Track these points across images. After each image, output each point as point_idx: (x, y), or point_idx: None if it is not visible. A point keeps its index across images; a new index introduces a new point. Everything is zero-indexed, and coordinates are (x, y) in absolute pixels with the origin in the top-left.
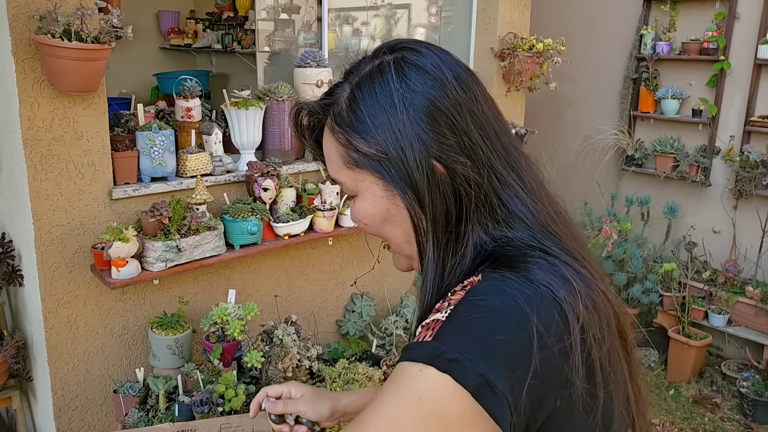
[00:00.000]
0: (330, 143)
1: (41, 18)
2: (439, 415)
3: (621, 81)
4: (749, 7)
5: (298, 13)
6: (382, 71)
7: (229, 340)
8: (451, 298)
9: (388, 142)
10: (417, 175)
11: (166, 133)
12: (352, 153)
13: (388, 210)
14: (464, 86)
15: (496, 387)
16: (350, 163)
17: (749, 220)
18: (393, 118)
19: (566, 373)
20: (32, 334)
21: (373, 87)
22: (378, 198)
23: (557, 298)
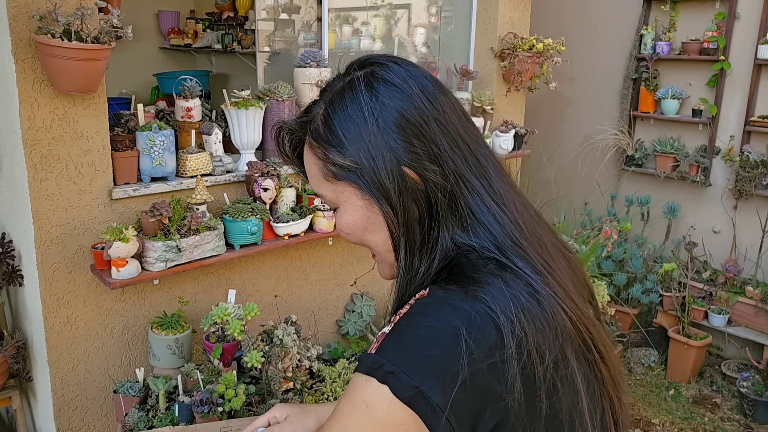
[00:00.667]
0: (309, 158)
1: (41, 18)
2: (383, 424)
3: (621, 81)
4: (749, 7)
5: (298, 13)
6: (353, 87)
7: (229, 340)
8: (400, 311)
9: (360, 153)
10: (388, 182)
11: (166, 133)
12: (330, 166)
13: (367, 219)
14: (431, 97)
15: (430, 399)
16: (329, 175)
17: (749, 220)
18: (364, 131)
19: (498, 387)
20: (32, 334)
21: (344, 102)
22: (357, 207)
23: (493, 314)
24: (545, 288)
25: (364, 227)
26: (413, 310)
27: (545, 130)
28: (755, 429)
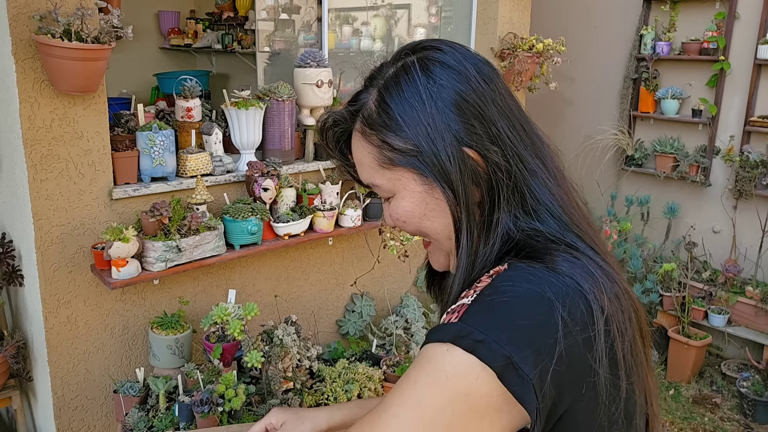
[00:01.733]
0: (361, 148)
1: (41, 18)
2: (465, 395)
3: (621, 81)
4: (749, 7)
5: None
6: (407, 70)
7: (229, 340)
8: (477, 285)
9: (420, 136)
10: (450, 165)
11: (166, 133)
12: (387, 152)
13: (427, 205)
14: (487, 79)
15: (522, 370)
16: (385, 162)
17: (749, 220)
18: (422, 113)
19: (590, 362)
20: (32, 334)
21: (401, 86)
22: (417, 194)
23: (583, 290)
24: (612, 270)
25: (423, 214)
26: (497, 282)
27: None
28: (755, 429)
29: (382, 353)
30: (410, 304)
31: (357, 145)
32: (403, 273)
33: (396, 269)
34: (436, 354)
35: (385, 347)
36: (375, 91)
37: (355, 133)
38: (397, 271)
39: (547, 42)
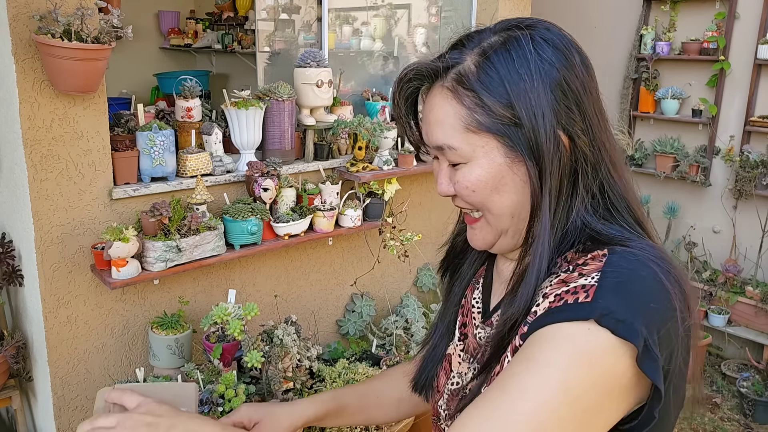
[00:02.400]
0: (447, 106)
1: (41, 18)
2: (607, 375)
3: (621, 81)
4: (749, 7)
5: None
6: (518, 42)
7: (229, 340)
8: (582, 267)
9: (522, 107)
10: (545, 143)
11: (166, 133)
12: (480, 116)
13: (502, 178)
14: (588, 70)
15: (654, 352)
16: (473, 126)
17: (749, 220)
18: (529, 86)
19: (690, 346)
20: (32, 334)
21: (510, 54)
22: (496, 165)
23: (681, 280)
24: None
25: (495, 186)
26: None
27: None
28: (755, 429)
29: (382, 353)
30: (410, 304)
31: (441, 103)
32: (403, 273)
33: (396, 269)
34: (575, 334)
35: (385, 347)
36: (475, 53)
37: (440, 90)
38: (397, 271)
39: None
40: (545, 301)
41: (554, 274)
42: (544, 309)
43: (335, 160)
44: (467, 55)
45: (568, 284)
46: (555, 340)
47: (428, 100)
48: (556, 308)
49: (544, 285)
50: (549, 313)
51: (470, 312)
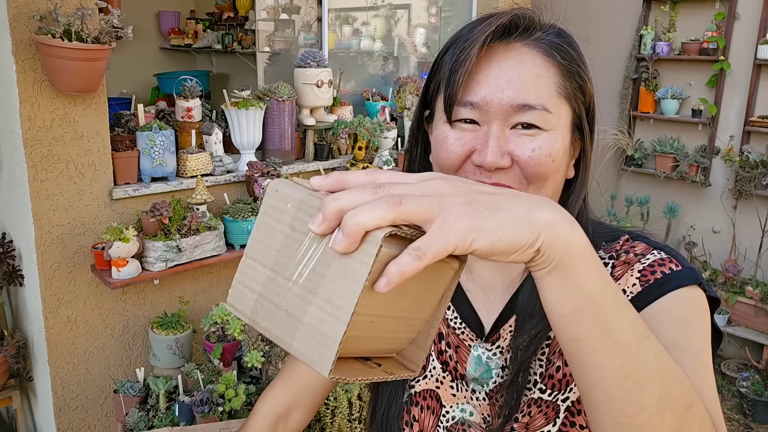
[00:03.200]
0: (540, 66)
1: (41, 18)
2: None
3: (621, 81)
4: (749, 7)
5: (298, 13)
6: (574, 39)
7: (230, 339)
8: (628, 252)
9: (591, 91)
10: (595, 132)
11: (166, 133)
12: (571, 85)
13: (567, 153)
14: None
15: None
16: (565, 93)
17: (749, 220)
18: (590, 74)
19: None
20: (32, 334)
21: (574, 44)
22: (566, 140)
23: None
24: None
25: (563, 161)
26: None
27: None
28: (755, 429)
29: None
30: None
31: (535, 60)
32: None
33: None
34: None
35: None
36: (551, 29)
37: (529, 48)
38: None
39: None
40: (628, 280)
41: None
42: (642, 285)
43: (335, 160)
44: (547, 27)
45: (634, 264)
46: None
47: (511, 54)
48: (660, 280)
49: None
50: (658, 285)
51: (450, 335)
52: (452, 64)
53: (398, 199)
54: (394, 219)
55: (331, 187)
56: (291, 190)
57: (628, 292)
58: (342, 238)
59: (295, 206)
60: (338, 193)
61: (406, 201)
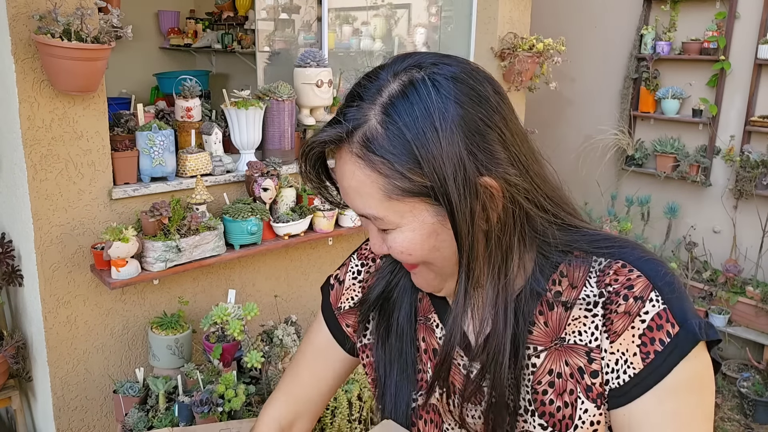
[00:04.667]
0: (360, 175)
1: (41, 18)
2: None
3: (621, 81)
4: (749, 6)
5: (298, 13)
6: (417, 88)
7: (229, 340)
8: (633, 289)
9: (427, 164)
10: (470, 194)
11: (165, 133)
12: (398, 182)
13: (438, 235)
14: (503, 97)
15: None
16: (396, 193)
17: (749, 220)
18: (443, 139)
19: None
20: (32, 334)
21: (410, 104)
22: (428, 225)
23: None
24: None
25: (432, 245)
26: (651, 273)
27: (545, 130)
28: (755, 429)
29: None
30: None
31: (352, 169)
32: None
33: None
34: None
35: None
36: (377, 109)
37: (349, 157)
38: None
39: (547, 42)
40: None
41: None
42: (644, 361)
43: None
44: (369, 111)
45: (635, 320)
46: (691, 381)
47: (339, 165)
48: (661, 355)
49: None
50: (659, 364)
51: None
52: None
53: None
54: None
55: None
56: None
57: (629, 363)
58: None
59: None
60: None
61: None
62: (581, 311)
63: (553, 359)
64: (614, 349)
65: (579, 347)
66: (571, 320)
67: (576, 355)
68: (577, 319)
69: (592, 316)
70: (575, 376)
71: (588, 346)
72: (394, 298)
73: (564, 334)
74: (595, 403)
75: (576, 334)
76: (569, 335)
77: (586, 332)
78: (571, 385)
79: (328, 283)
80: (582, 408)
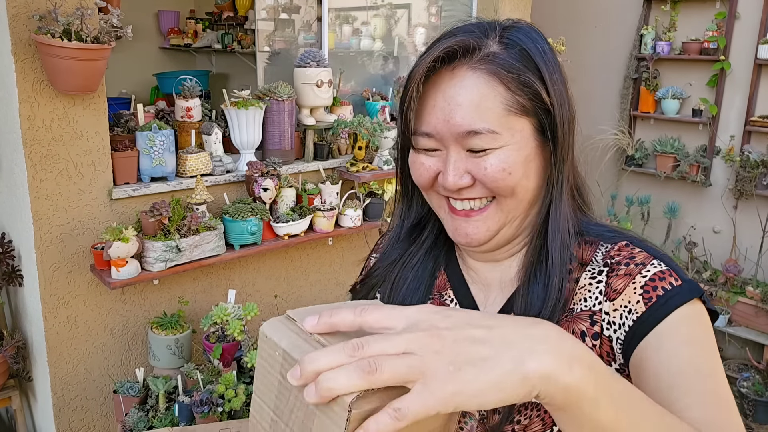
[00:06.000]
0: (485, 89)
1: (41, 18)
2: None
3: (621, 81)
4: (749, 6)
5: (298, 13)
6: (539, 36)
7: (229, 340)
8: (634, 258)
9: (556, 94)
10: (567, 130)
11: (165, 133)
12: (521, 98)
13: (531, 161)
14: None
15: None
16: (515, 109)
17: (749, 220)
18: (559, 77)
19: None
20: (32, 334)
21: (527, 35)
22: (529, 147)
23: None
24: None
25: (525, 171)
26: (655, 252)
27: None
28: (755, 429)
29: None
30: None
31: (476, 83)
32: None
33: None
34: (702, 312)
35: None
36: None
37: (470, 72)
38: None
39: None
40: (632, 297)
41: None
42: (646, 305)
43: (335, 160)
44: (484, 39)
45: (636, 277)
46: (693, 320)
47: (453, 82)
48: (663, 298)
49: (585, 279)
50: (661, 304)
51: None
52: (402, 98)
53: (374, 366)
54: (368, 387)
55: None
56: (278, 335)
57: (633, 310)
58: (314, 396)
59: (281, 356)
60: (316, 354)
61: (382, 367)
62: (586, 281)
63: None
64: (616, 306)
65: (584, 313)
66: (578, 290)
67: (580, 321)
68: (583, 287)
69: (596, 282)
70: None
71: (591, 309)
72: (400, 275)
73: (573, 304)
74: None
75: (582, 301)
76: (576, 304)
77: (590, 298)
78: None
79: (356, 291)
80: None
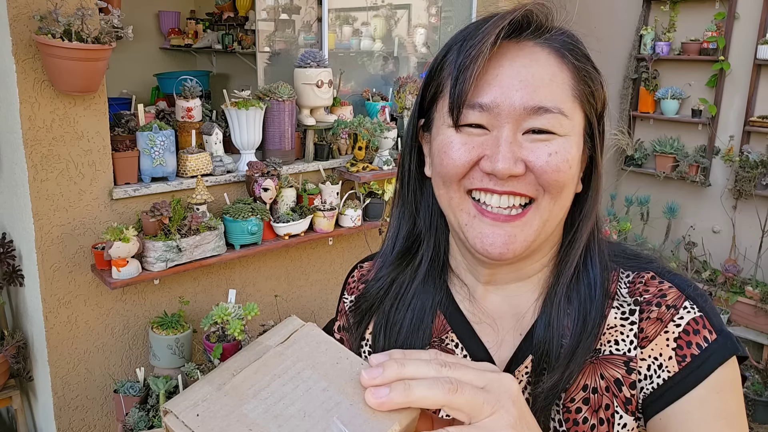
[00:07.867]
0: (555, 68)
1: (42, 18)
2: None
3: (621, 81)
4: (749, 7)
5: (298, 14)
6: (579, 40)
7: (230, 339)
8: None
9: (606, 97)
10: (603, 138)
11: (166, 133)
12: (585, 91)
13: (578, 162)
14: None
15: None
16: (579, 97)
17: (749, 220)
18: (601, 77)
19: None
20: (33, 334)
21: (583, 46)
22: (580, 146)
23: None
24: None
25: (577, 170)
26: (683, 285)
27: None
28: (755, 429)
29: None
30: None
31: (547, 59)
32: None
33: None
34: (732, 375)
35: None
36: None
37: (541, 48)
38: None
39: None
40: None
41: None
42: (680, 364)
43: (335, 160)
44: (551, 26)
45: (668, 324)
46: (727, 389)
47: (524, 53)
48: (698, 359)
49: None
50: (696, 366)
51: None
52: (460, 61)
53: (455, 386)
54: (443, 404)
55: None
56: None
57: (664, 367)
58: (384, 397)
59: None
60: (403, 361)
61: (463, 390)
62: (617, 320)
63: (587, 374)
64: (645, 355)
65: (616, 358)
66: (606, 330)
67: (613, 366)
68: (613, 327)
69: (629, 324)
70: (611, 389)
71: (627, 355)
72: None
73: (599, 345)
74: (634, 416)
75: (612, 344)
76: (604, 345)
77: (623, 341)
78: (607, 400)
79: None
80: (620, 423)
